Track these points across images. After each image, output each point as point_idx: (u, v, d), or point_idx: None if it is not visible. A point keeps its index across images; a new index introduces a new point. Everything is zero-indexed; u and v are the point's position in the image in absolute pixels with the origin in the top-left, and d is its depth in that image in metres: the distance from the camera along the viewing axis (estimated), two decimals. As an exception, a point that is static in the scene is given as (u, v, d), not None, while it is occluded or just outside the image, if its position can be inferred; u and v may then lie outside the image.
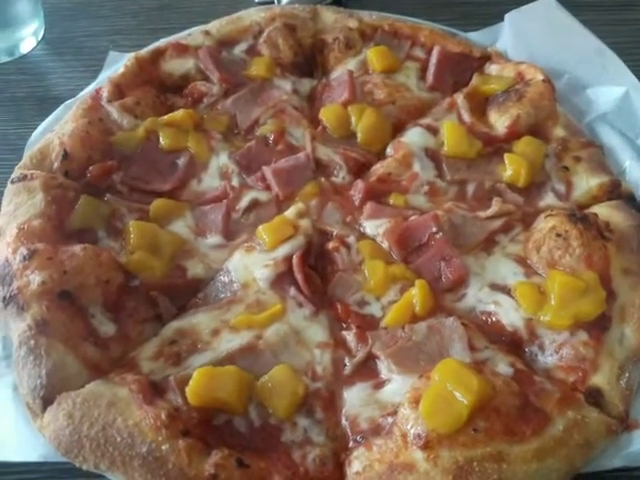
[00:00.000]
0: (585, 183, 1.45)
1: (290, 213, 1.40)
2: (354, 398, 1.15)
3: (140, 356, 1.20)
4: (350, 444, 1.11)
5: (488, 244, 1.36)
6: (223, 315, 1.25)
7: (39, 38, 2.00)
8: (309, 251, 1.34)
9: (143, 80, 1.66)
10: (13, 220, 1.33)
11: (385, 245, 1.36)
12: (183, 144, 1.53)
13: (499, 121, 1.56)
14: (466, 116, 1.57)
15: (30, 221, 1.32)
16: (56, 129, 1.55)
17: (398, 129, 1.58)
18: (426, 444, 1.02)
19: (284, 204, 1.45)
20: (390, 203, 1.44)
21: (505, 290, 1.27)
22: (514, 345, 1.22)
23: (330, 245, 1.36)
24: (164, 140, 1.52)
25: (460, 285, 1.29)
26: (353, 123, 1.56)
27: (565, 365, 1.17)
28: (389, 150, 1.54)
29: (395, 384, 1.15)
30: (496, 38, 1.78)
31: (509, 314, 1.24)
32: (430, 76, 1.68)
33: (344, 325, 1.26)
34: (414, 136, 1.54)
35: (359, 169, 1.53)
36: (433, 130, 1.55)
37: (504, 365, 1.16)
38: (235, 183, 1.49)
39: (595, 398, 1.13)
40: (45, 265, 1.22)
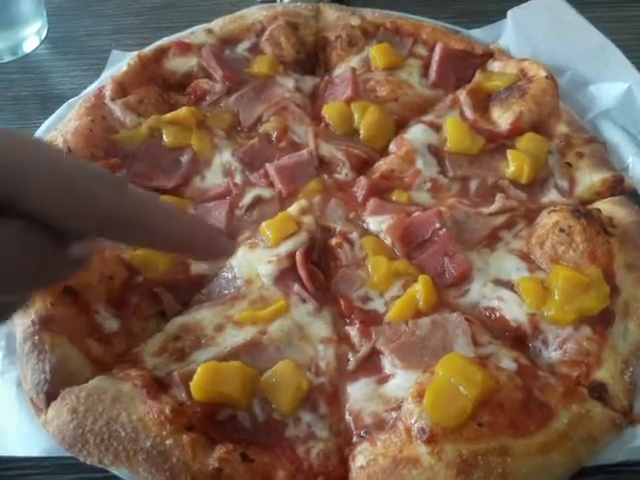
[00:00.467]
0: (588, 179, 1.45)
1: (293, 210, 1.40)
2: (358, 393, 1.15)
3: (144, 352, 1.20)
4: (354, 439, 1.10)
5: (491, 240, 1.35)
6: (227, 311, 1.25)
7: (42, 37, 2.00)
8: (312, 247, 1.34)
9: (146, 78, 1.66)
10: (17, 217, 1.34)
11: (388, 241, 1.36)
12: (186, 141, 1.52)
13: (502, 118, 1.55)
14: (469, 113, 1.57)
15: (34, 219, 1.32)
16: (59, 127, 1.55)
17: (401, 126, 1.58)
18: (430, 438, 1.02)
19: (287, 201, 1.45)
20: (393, 199, 1.44)
21: (509, 285, 1.26)
22: (518, 340, 1.21)
23: (333, 241, 1.36)
24: (167, 138, 1.52)
25: (464, 281, 1.28)
26: (356, 120, 1.56)
27: (569, 360, 1.16)
28: (392, 147, 1.54)
29: (399, 379, 1.14)
30: (499, 35, 1.77)
31: (513, 309, 1.23)
32: (432, 73, 1.67)
33: (347, 320, 1.26)
34: (417, 133, 1.53)
35: (362, 166, 1.52)
36: (436, 127, 1.54)
37: (508, 360, 1.15)
38: (238, 180, 1.49)
39: (599, 392, 1.12)
40: (49, 261, 1.22)
